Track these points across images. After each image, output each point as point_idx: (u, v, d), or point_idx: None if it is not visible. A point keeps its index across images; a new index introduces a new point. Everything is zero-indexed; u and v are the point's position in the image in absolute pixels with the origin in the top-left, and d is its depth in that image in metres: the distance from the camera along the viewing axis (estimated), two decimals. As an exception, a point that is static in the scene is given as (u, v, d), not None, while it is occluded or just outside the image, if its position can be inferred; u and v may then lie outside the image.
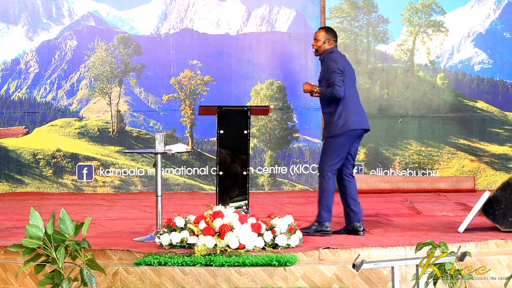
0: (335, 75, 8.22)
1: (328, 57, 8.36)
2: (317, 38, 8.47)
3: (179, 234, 7.41)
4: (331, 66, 8.28)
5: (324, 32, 8.50)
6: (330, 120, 8.30)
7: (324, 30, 8.55)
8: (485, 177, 12.63)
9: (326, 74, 8.29)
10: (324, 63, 8.38)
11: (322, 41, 8.44)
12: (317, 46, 8.45)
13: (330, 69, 8.27)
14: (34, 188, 12.51)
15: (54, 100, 12.69)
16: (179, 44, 12.76)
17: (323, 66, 8.42)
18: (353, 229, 8.32)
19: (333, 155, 8.29)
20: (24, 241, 6.32)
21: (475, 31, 12.91)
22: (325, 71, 8.32)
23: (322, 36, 8.46)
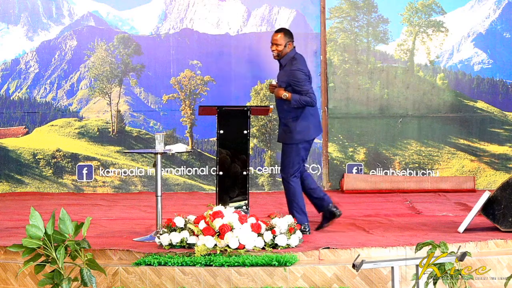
0: (307, 84, 8.29)
1: (294, 64, 8.34)
2: (278, 42, 8.40)
3: (179, 234, 7.41)
4: (300, 76, 8.29)
5: (283, 35, 8.44)
6: (293, 126, 8.35)
7: (283, 32, 8.48)
8: (485, 177, 12.64)
9: (295, 83, 8.27)
10: (289, 72, 8.34)
11: (283, 44, 8.41)
12: (278, 51, 8.40)
13: (299, 78, 8.29)
14: (34, 188, 12.51)
15: (54, 100, 12.69)
16: (179, 44, 12.76)
17: (285, 73, 8.39)
18: (329, 213, 8.42)
19: (296, 160, 8.43)
20: (24, 241, 6.32)
21: (475, 31, 12.91)
22: (293, 81, 8.29)
23: (282, 40, 8.41)
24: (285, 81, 8.34)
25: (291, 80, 8.29)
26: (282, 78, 8.43)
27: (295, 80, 8.27)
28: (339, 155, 12.69)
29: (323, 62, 12.62)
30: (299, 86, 8.27)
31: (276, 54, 8.42)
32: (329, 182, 12.63)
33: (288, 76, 8.33)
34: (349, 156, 12.68)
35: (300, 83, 8.27)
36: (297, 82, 8.27)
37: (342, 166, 12.65)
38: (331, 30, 12.68)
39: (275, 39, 8.42)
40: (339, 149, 12.69)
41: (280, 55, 8.42)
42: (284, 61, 8.42)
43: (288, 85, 8.32)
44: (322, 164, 12.66)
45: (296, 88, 8.27)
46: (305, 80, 8.31)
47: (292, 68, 8.33)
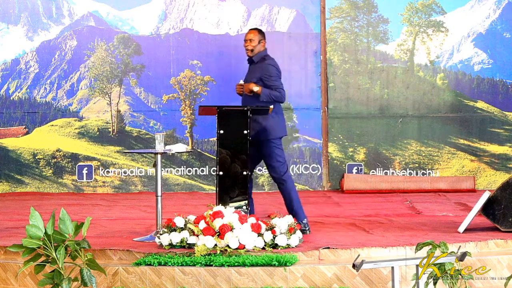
0: (279, 80, 8.48)
1: (267, 61, 8.54)
2: (251, 38, 8.63)
3: (179, 234, 7.41)
4: (272, 71, 8.48)
5: (257, 33, 8.69)
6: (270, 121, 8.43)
7: (257, 30, 8.73)
8: (485, 177, 12.64)
9: (267, 77, 8.42)
10: (261, 67, 8.50)
11: (257, 41, 8.65)
12: (252, 46, 8.60)
13: (272, 73, 8.47)
14: (34, 188, 12.51)
15: (54, 100, 12.69)
16: (179, 44, 12.76)
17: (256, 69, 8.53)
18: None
19: (283, 155, 8.54)
20: (24, 241, 6.32)
21: (475, 31, 12.91)
22: (265, 76, 8.44)
23: (256, 37, 8.66)
24: (257, 77, 8.51)
25: (263, 74, 8.46)
26: (253, 74, 8.58)
27: (267, 74, 8.46)
28: (339, 155, 12.69)
29: (323, 62, 12.62)
30: (271, 80, 8.44)
31: (250, 49, 8.61)
32: (329, 182, 12.63)
33: (260, 71, 8.51)
34: (349, 156, 12.68)
35: (272, 77, 8.45)
36: (269, 76, 8.45)
37: (342, 166, 12.65)
38: (331, 30, 12.68)
39: (249, 35, 8.67)
40: (339, 149, 12.69)
41: (254, 52, 8.60)
42: (256, 58, 8.62)
43: (259, 80, 8.48)
44: (322, 164, 12.66)
45: (267, 83, 8.44)
46: (277, 76, 8.52)
47: (265, 63, 8.52)
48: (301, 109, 12.66)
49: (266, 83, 8.43)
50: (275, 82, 8.45)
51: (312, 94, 12.66)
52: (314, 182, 12.62)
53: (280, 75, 8.60)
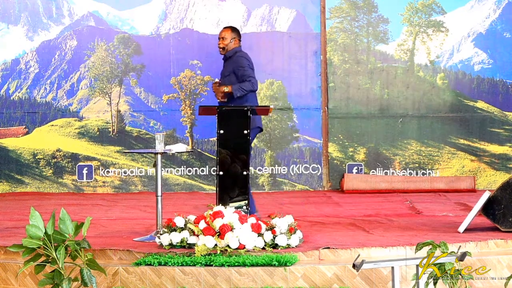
0: (249, 70, 8.64)
1: (238, 54, 8.71)
2: (224, 36, 8.80)
3: (179, 234, 7.41)
4: (243, 62, 8.66)
5: (230, 31, 8.84)
6: None
7: (231, 29, 8.87)
8: (485, 177, 12.64)
9: (238, 70, 8.60)
10: (233, 60, 8.68)
11: (229, 39, 8.81)
12: (224, 44, 8.77)
13: (242, 64, 8.65)
14: (34, 188, 12.51)
15: (54, 100, 12.69)
16: (179, 44, 12.76)
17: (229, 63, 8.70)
18: None
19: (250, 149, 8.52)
20: (24, 241, 6.32)
21: (475, 31, 12.91)
22: (236, 67, 8.62)
23: (229, 35, 8.82)
24: (229, 71, 8.67)
25: (235, 66, 8.63)
26: (226, 69, 8.74)
27: (239, 65, 8.62)
28: (339, 155, 12.69)
29: (323, 62, 12.63)
30: (242, 70, 8.60)
31: (222, 47, 8.77)
32: (329, 182, 12.63)
33: (232, 64, 8.67)
34: (349, 156, 12.68)
35: (243, 67, 8.61)
36: (240, 67, 8.61)
37: (342, 166, 12.65)
38: (331, 30, 12.68)
39: (222, 34, 8.83)
40: (339, 149, 12.69)
41: (226, 50, 8.76)
42: (229, 54, 8.78)
43: (232, 73, 8.63)
44: (322, 164, 12.66)
45: (238, 73, 8.59)
46: (248, 66, 8.66)
47: (236, 55, 8.70)
48: (301, 109, 12.66)
49: (238, 73, 8.60)
50: (246, 71, 8.60)
51: (312, 94, 12.67)
52: (314, 182, 12.62)
53: (252, 66, 8.74)
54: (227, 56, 8.79)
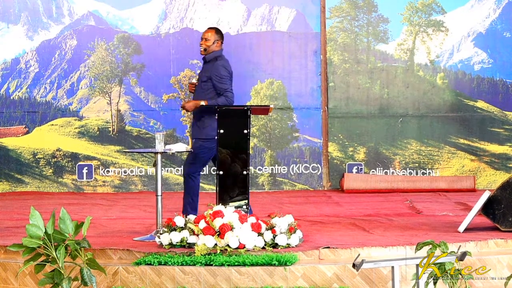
0: (228, 82, 8.52)
1: (219, 62, 8.56)
2: (207, 37, 8.63)
3: (179, 233, 7.41)
4: (223, 73, 8.52)
5: (214, 33, 8.67)
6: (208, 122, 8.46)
7: (215, 30, 8.72)
8: (485, 176, 12.64)
9: (216, 78, 8.45)
10: (213, 67, 8.52)
11: (212, 41, 8.64)
12: (206, 46, 8.61)
13: (222, 74, 8.51)
14: (34, 188, 12.51)
15: (54, 99, 12.69)
16: (179, 44, 12.76)
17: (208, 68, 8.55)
18: None
19: (205, 157, 8.62)
20: (24, 240, 6.32)
21: (475, 30, 12.91)
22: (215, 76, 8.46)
23: (212, 37, 8.65)
24: (207, 76, 8.55)
25: (213, 74, 8.49)
26: (204, 73, 8.62)
27: (217, 75, 8.49)
28: (339, 154, 12.69)
29: (323, 62, 12.63)
30: (220, 81, 8.47)
31: (203, 49, 8.62)
32: (329, 182, 12.64)
33: (211, 71, 8.53)
34: (349, 155, 12.68)
35: (222, 79, 8.48)
36: (219, 77, 8.48)
37: (342, 165, 12.65)
38: (331, 30, 12.68)
39: (205, 34, 8.66)
40: (339, 148, 12.69)
41: (207, 51, 8.62)
42: (209, 57, 8.64)
43: (209, 79, 8.51)
44: (322, 164, 12.66)
45: (216, 83, 8.47)
46: (227, 77, 8.53)
47: (216, 63, 8.55)
48: (301, 108, 12.66)
49: (215, 83, 8.48)
50: (224, 84, 8.48)
51: (312, 93, 12.67)
52: (314, 181, 12.63)
53: (231, 77, 8.63)
54: (207, 60, 8.64)
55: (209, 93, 8.53)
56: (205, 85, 8.56)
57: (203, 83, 8.58)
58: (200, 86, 8.62)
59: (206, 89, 8.56)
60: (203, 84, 8.57)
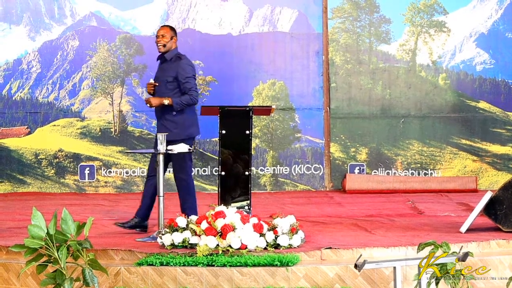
0: (193, 81, 8.46)
1: (184, 61, 8.51)
2: (163, 34, 8.56)
3: (181, 234, 7.41)
4: (189, 71, 8.47)
5: (169, 29, 8.62)
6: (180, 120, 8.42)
7: (169, 27, 8.67)
8: (487, 177, 12.63)
9: (183, 76, 8.40)
10: (177, 66, 8.45)
11: (169, 37, 8.58)
12: (164, 42, 8.53)
13: (188, 73, 8.46)
14: (36, 188, 12.52)
15: (56, 100, 12.70)
16: (181, 44, 12.64)
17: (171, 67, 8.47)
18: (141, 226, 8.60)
19: (190, 156, 8.55)
20: (26, 241, 6.32)
21: (477, 31, 12.91)
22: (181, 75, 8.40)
23: (168, 33, 8.58)
24: (172, 76, 8.45)
25: (179, 73, 8.42)
26: (167, 72, 8.51)
27: (184, 73, 8.42)
28: (341, 155, 12.69)
29: (325, 62, 12.63)
30: (186, 80, 8.40)
31: (163, 44, 8.52)
32: (331, 182, 12.63)
33: (175, 69, 8.45)
34: (351, 156, 12.68)
35: (188, 77, 8.42)
36: (185, 76, 8.41)
37: (344, 166, 12.65)
38: (333, 30, 12.68)
39: (160, 31, 8.59)
40: (341, 149, 12.69)
41: (166, 47, 8.54)
42: (170, 56, 8.55)
43: (174, 79, 8.43)
44: (324, 164, 12.66)
45: (182, 83, 8.40)
46: (193, 76, 8.49)
47: (181, 62, 8.48)
48: (303, 109, 12.66)
49: (181, 81, 8.41)
50: (190, 83, 8.41)
51: (314, 94, 12.67)
52: (316, 182, 12.62)
53: (196, 74, 8.60)
54: (167, 58, 8.54)
55: (175, 93, 8.46)
56: (171, 85, 8.47)
57: (168, 84, 8.48)
58: (164, 86, 8.50)
59: (172, 89, 8.47)
60: (169, 85, 8.48)
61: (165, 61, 8.59)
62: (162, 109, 8.47)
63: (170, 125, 8.44)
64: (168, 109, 8.42)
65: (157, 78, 8.60)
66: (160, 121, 8.54)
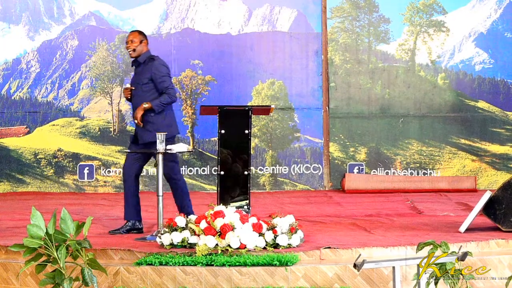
0: (168, 79, 8.45)
1: (158, 61, 8.49)
2: (133, 39, 8.49)
3: (180, 234, 7.41)
4: (163, 71, 8.46)
5: (138, 34, 8.55)
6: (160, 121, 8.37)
7: (137, 32, 8.60)
8: (486, 177, 12.64)
9: (158, 76, 8.38)
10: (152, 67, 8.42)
11: (138, 42, 8.51)
12: (134, 46, 8.47)
13: (163, 72, 8.44)
14: (35, 188, 12.52)
15: (55, 99, 12.70)
16: (180, 44, 12.76)
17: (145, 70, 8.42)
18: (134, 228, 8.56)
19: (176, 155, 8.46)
20: (25, 240, 6.32)
21: (476, 31, 12.91)
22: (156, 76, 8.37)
23: (137, 38, 8.52)
24: (147, 77, 8.42)
25: (154, 73, 8.39)
26: (142, 75, 8.46)
27: (159, 73, 8.40)
28: (340, 155, 12.69)
29: (324, 62, 12.63)
30: (162, 79, 8.39)
31: (133, 49, 8.47)
32: (330, 182, 12.64)
33: (149, 71, 8.42)
34: (350, 156, 12.68)
35: (163, 77, 8.41)
36: (161, 75, 8.39)
37: (343, 165, 12.65)
38: (332, 30, 12.68)
39: (129, 37, 8.55)
40: (340, 148, 12.70)
41: (136, 52, 8.49)
42: (143, 59, 8.51)
43: (149, 80, 8.40)
44: (323, 164, 12.66)
45: (158, 84, 8.37)
46: (168, 75, 8.48)
47: (155, 63, 8.46)
48: (302, 108, 12.66)
49: (157, 81, 8.37)
50: (165, 82, 8.40)
51: (313, 94, 12.67)
52: (315, 182, 12.63)
53: (170, 73, 8.58)
54: (140, 62, 8.50)
55: (151, 94, 8.42)
56: (146, 86, 8.43)
57: (144, 85, 8.44)
58: (140, 89, 8.46)
59: (148, 91, 8.43)
60: (144, 86, 8.44)
61: (139, 65, 8.55)
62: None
63: (150, 126, 8.39)
64: (147, 110, 8.39)
65: (133, 82, 8.58)
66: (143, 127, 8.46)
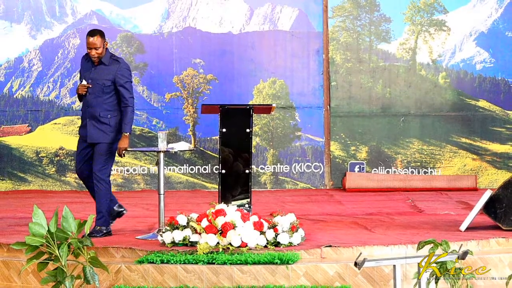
0: (130, 86, 8.35)
1: (124, 65, 8.35)
2: (97, 46, 8.27)
3: (181, 232, 7.43)
4: (128, 76, 8.35)
5: (100, 37, 8.31)
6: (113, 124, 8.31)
7: (99, 34, 8.33)
8: (486, 175, 12.65)
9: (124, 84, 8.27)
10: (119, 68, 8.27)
11: (102, 46, 8.30)
12: (98, 54, 8.28)
13: (127, 78, 8.32)
14: (37, 186, 12.53)
15: (57, 98, 12.71)
16: (182, 43, 12.78)
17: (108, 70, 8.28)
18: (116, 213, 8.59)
19: (113, 159, 8.45)
20: (27, 239, 6.34)
21: (477, 30, 12.92)
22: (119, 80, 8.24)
23: (100, 42, 8.28)
24: (110, 79, 8.26)
25: (118, 77, 8.24)
26: (104, 76, 8.29)
27: (123, 78, 8.26)
28: (341, 153, 12.70)
29: (325, 61, 12.64)
30: (126, 85, 8.28)
31: (97, 57, 8.29)
32: (331, 181, 12.65)
33: (113, 73, 8.26)
34: (351, 154, 12.69)
35: (127, 83, 8.29)
36: (124, 81, 8.27)
37: (344, 164, 12.66)
38: (333, 29, 12.69)
39: (93, 43, 8.29)
40: (341, 147, 12.71)
41: (100, 57, 8.32)
42: (106, 60, 8.33)
43: (112, 83, 8.27)
44: (324, 163, 12.67)
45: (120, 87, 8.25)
46: (131, 81, 8.37)
47: (120, 66, 8.30)
48: (303, 107, 12.67)
49: (120, 85, 8.23)
50: (129, 91, 8.28)
51: (314, 92, 12.68)
52: (316, 180, 12.64)
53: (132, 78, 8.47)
54: (104, 62, 8.31)
55: (110, 97, 8.30)
56: (108, 89, 8.28)
57: (105, 88, 8.28)
58: (101, 90, 8.30)
59: (109, 92, 8.28)
60: (106, 89, 8.28)
61: (101, 63, 8.36)
62: (96, 111, 8.29)
63: (105, 128, 8.28)
64: (103, 111, 8.28)
65: (92, 80, 8.33)
66: (93, 123, 8.32)
